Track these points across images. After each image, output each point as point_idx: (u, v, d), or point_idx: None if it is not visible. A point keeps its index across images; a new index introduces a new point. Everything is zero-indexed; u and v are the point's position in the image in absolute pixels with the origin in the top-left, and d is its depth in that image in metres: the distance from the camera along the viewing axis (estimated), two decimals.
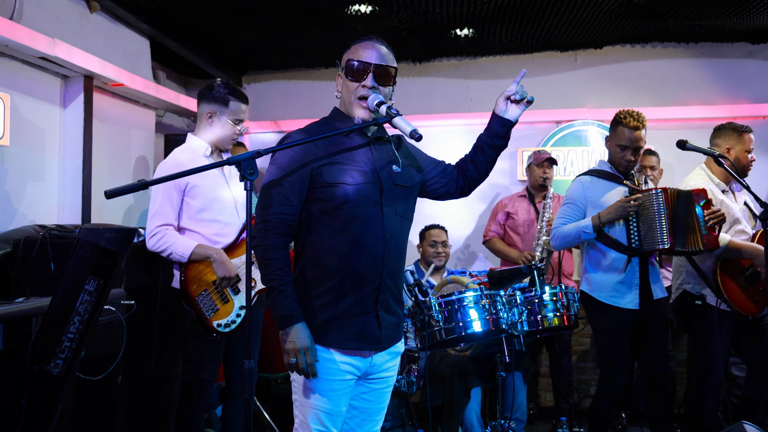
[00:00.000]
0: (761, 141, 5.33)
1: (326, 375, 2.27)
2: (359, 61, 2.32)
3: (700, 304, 3.80)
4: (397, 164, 2.39)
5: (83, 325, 2.40)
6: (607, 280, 3.66)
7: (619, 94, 5.74)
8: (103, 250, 2.36)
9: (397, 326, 2.41)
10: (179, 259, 3.19)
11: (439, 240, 4.70)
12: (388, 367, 2.42)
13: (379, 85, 2.33)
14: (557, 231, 3.72)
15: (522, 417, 4.34)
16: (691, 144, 3.57)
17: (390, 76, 2.37)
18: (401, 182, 2.40)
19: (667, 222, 3.49)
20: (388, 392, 2.47)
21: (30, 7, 3.89)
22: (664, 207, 3.50)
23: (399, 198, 2.38)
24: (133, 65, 4.84)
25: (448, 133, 5.96)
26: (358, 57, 2.33)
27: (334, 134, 2.30)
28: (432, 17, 4.90)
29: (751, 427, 3.18)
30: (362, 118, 2.33)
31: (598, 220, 3.58)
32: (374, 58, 2.32)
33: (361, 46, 2.35)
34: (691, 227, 3.52)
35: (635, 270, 3.62)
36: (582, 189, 3.72)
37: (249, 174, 1.99)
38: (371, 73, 2.31)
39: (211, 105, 3.37)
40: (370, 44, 2.35)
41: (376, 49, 2.34)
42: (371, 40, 2.36)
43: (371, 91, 2.31)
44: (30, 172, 4.00)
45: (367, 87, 2.31)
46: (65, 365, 2.41)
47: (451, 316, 3.29)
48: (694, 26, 5.16)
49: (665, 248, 3.49)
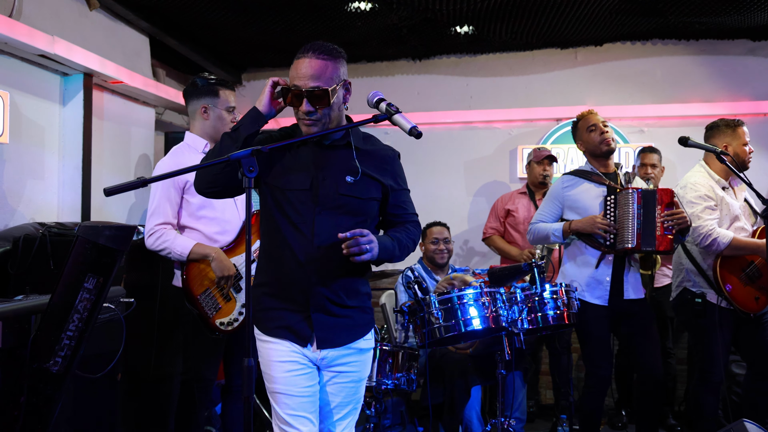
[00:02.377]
0: (762, 138, 5.32)
1: (273, 357, 2.34)
2: (291, 86, 2.27)
3: (701, 302, 3.80)
4: (354, 174, 2.33)
5: (82, 322, 2.40)
6: (580, 274, 3.75)
7: (620, 92, 5.74)
8: (103, 247, 2.36)
9: (345, 327, 2.38)
10: (178, 258, 3.19)
11: (441, 237, 4.69)
12: (346, 362, 2.39)
13: (316, 109, 2.26)
14: (533, 227, 3.87)
15: (522, 416, 4.33)
16: (693, 141, 3.58)
17: (324, 98, 2.26)
18: (350, 192, 2.33)
19: (636, 222, 3.56)
20: (352, 388, 2.43)
21: (29, 5, 3.89)
22: (636, 207, 3.57)
23: (344, 208, 2.33)
24: (133, 63, 4.84)
25: (448, 130, 5.96)
26: (291, 79, 2.29)
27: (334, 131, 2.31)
28: (432, 14, 4.89)
29: (752, 424, 3.17)
30: (306, 133, 2.30)
31: (568, 227, 3.71)
32: (304, 79, 2.25)
33: (294, 64, 2.29)
34: (654, 227, 3.56)
35: (608, 267, 3.70)
36: (561, 187, 3.84)
37: (249, 171, 1.98)
38: (304, 99, 2.25)
39: (201, 99, 3.37)
40: (303, 62, 2.27)
41: (304, 68, 2.26)
42: (304, 56, 2.27)
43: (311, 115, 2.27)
44: (29, 169, 3.99)
45: (303, 112, 2.27)
46: (64, 363, 2.41)
47: (451, 313, 3.28)
48: (695, 23, 5.15)
49: (631, 248, 3.56)
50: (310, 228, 2.29)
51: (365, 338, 2.45)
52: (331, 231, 2.27)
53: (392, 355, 3.50)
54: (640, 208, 3.57)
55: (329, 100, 2.26)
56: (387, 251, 2.34)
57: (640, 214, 3.57)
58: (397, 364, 3.49)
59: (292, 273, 2.31)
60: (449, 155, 6.00)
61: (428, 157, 5.95)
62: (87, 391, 3.01)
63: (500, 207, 5.24)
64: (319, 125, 2.29)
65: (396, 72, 6.13)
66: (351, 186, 2.33)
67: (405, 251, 2.45)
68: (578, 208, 3.74)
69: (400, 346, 3.60)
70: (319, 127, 2.30)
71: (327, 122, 2.30)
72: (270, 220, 2.37)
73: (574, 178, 3.82)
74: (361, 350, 2.44)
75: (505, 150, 5.95)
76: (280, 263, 2.34)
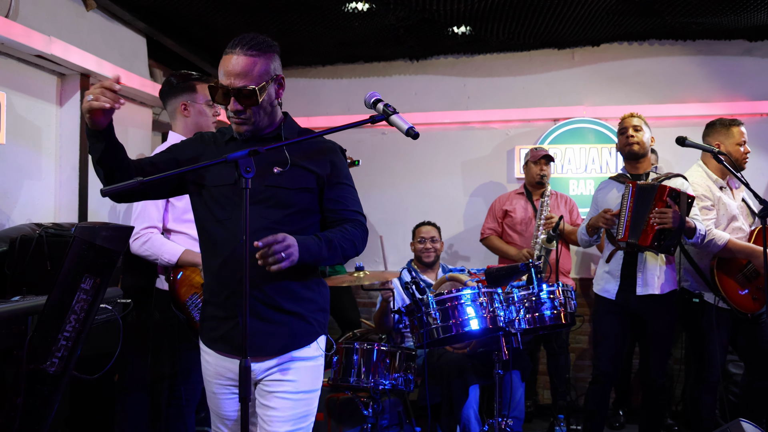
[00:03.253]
0: (759, 138, 5.34)
1: (207, 376, 2.30)
2: (218, 84, 2.19)
3: (698, 302, 3.80)
4: (282, 165, 2.20)
5: (79, 323, 2.39)
6: (600, 269, 3.96)
7: (617, 92, 5.75)
8: (100, 248, 2.35)
9: (279, 336, 2.21)
10: (166, 264, 3.17)
11: (427, 236, 4.69)
12: (282, 378, 2.20)
13: (245, 108, 2.18)
14: (579, 230, 4.10)
15: (520, 415, 4.34)
16: (690, 141, 3.59)
17: (252, 97, 2.16)
18: (277, 183, 2.21)
19: (627, 215, 3.65)
20: (290, 402, 2.20)
21: (26, 5, 3.88)
22: (628, 200, 3.67)
23: (271, 200, 2.20)
24: (130, 63, 4.83)
25: (445, 130, 5.97)
26: (219, 76, 2.21)
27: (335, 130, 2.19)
28: (429, 15, 4.89)
29: (749, 424, 3.18)
30: (237, 132, 2.25)
31: (587, 223, 3.93)
32: (231, 77, 2.17)
33: (222, 60, 2.21)
34: (644, 221, 3.60)
35: (619, 261, 3.81)
36: (596, 191, 4.09)
37: (246, 172, 1.97)
38: (232, 98, 2.18)
39: (179, 97, 3.35)
40: (230, 58, 2.19)
41: (232, 66, 2.17)
42: (232, 52, 2.19)
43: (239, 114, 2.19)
44: (26, 170, 3.99)
45: (232, 111, 2.20)
46: (61, 364, 2.40)
47: (449, 314, 3.29)
48: (692, 24, 5.16)
49: (620, 239, 3.68)
50: (235, 223, 2.16)
51: (306, 348, 2.25)
52: (260, 225, 2.15)
53: (390, 356, 3.50)
54: (632, 201, 3.64)
55: (258, 99, 2.16)
56: (311, 254, 2.11)
57: (632, 207, 3.64)
58: (395, 364, 3.49)
59: (221, 275, 2.21)
60: (446, 155, 6.00)
61: (425, 157, 5.95)
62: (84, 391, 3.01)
63: (498, 207, 5.24)
64: (249, 124, 2.22)
65: (393, 72, 6.13)
66: (278, 177, 2.21)
67: (339, 252, 2.21)
68: (602, 209, 3.86)
69: (398, 346, 3.60)
70: (250, 126, 2.22)
71: (258, 120, 2.22)
72: (197, 220, 2.31)
73: (608, 182, 4.02)
74: (301, 358, 2.24)
75: (503, 150, 5.95)
76: (210, 266, 2.27)
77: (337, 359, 3.54)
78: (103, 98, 1.97)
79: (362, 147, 5.95)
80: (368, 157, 5.93)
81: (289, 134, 2.29)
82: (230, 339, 2.20)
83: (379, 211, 6.01)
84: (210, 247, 2.26)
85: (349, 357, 3.50)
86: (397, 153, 5.96)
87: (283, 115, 2.35)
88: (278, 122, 2.31)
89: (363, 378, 3.46)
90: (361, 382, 3.46)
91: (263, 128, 2.26)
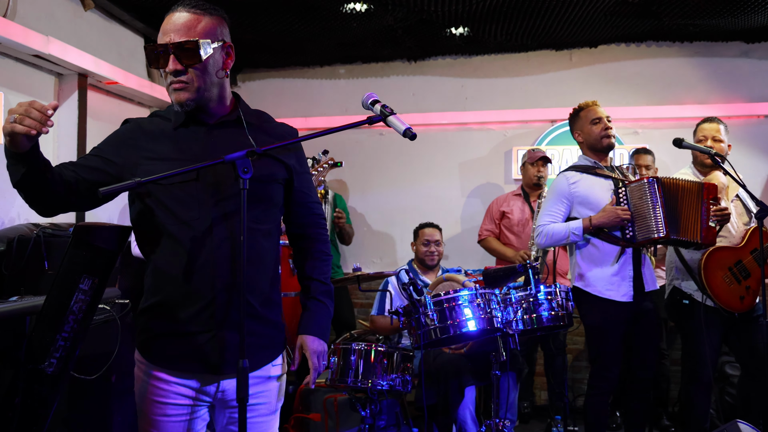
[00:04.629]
0: (756, 140, 5.34)
1: (156, 396, 1.95)
2: (155, 46, 1.89)
3: (688, 303, 3.79)
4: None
5: (78, 324, 2.39)
6: (601, 273, 3.63)
7: (614, 93, 5.75)
8: (98, 248, 2.35)
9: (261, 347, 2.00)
10: None
11: (432, 239, 4.68)
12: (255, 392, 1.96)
13: (186, 68, 1.87)
14: (545, 228, 3.69)
15: (512, 417, 4.34)
16: (687, 142, 3.60)
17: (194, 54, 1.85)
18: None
19: (662, 211, 3.46)
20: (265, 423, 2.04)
21: (24, 5, 3.88)
22: (659, 196, 3.48)
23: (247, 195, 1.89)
24: (128, 63, 4.83)
25: (443, 131, 5.97)
26: (159, 40, 1.90)
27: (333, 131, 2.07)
28: (427, 15, 4.90)
29: (746, 425, 3.18)
30: (177, 102, 1.91)
31: (589, 223, 3.57)
32: (171, 33, 1.87)
33: (163, 22, 1.92)
34: (692, 218, 3.48)
35: (628, 262, 3.61)
36: (568, 184, 3.69)
37: (243, 173, 1.92)
38: (171, 54, 1.86)
39: None
40: (171, 16, 1.91)
41: (172, 22, 1.89)
42: (173, 11, 1.92)
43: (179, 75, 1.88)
44: None
45: (170, 71, 1.88)
46: (60, 364, 2.40)
47: (446, 314, 3.29)
48: (689, 25, 5.18)
49: (661, 237, 3.44)
50: (206, 223, 1.90)
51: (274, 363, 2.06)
52: (233, 222, 1.91)
53: (387, 356, 3.50)
54: (662, 197, 3.48)
55: (200, 57, 1.85)
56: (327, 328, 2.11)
57: (663, 203, 3.47)
58: (392, 365, 3.49)
59: (191, 284, 1.90)
60: (444, 156, 6.00)
61: (423, 158, 5.96)
62: (82, 392, 3.01)
63: (495, 209, 5.25)
64: (191, 91, 1.89)
65: (391, 73, 6.13)
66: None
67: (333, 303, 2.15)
68: (590, 204, 3.63)
69: (395, 347, 3.60)
70: (192, 93, 1.89)
71: (203, 87, 1.90)
72: (151, 225, 1.95)
73: (579, 174, 3.70)
74: (270, 377, 2.05)
75: (500, 151, 5.96)
76: (170, 275, 1.92)
77: (334, 360, 3.55)
78: (28, 120, 1.71)
79: (360, 148, 5.96)
80: (366, 157, 5.93)
81: (249, 118, 2.03)
82: (204, 356, 1.91)
83: (377, 212, 6.01)
84: (172, 254, 1.92)
85: (347, 358, 3.51)
86: (394, 154, 5.96)
87: (234, 96, 2.07)
88: (231, 103, 2.03)
89: (360, 379, 3.47)
90: (358, 382, 3.46)
91: (210, 101, 1.95)
